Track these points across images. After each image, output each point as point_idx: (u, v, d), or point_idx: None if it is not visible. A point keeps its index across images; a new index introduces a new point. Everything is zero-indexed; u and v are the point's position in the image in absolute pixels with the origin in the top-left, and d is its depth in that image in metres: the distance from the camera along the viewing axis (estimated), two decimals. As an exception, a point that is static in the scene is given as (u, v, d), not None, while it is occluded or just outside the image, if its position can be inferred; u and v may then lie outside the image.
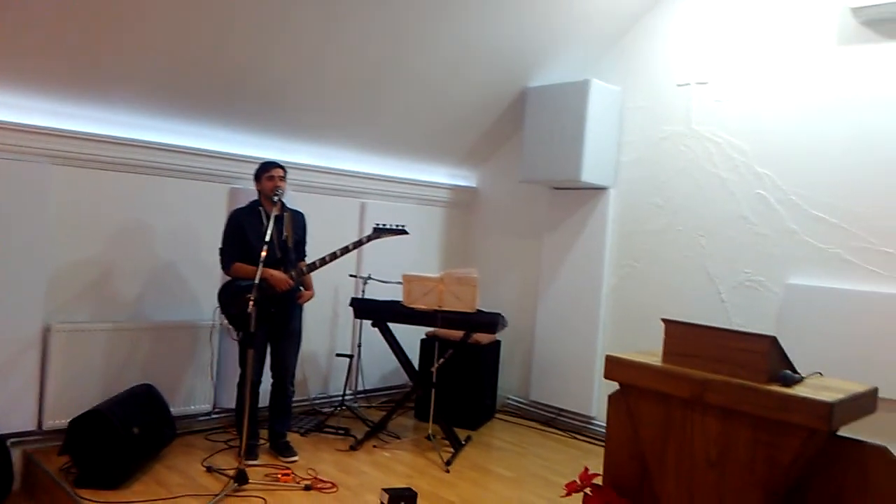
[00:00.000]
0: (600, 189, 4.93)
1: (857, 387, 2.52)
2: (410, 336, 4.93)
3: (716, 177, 4.40)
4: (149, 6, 3.42)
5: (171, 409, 3.99)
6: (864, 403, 2.51)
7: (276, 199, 3.79)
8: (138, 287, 4.15)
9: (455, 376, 4.78)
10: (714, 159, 4.41)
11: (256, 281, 3.42)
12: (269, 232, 3.57)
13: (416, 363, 4.91)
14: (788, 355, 2.59)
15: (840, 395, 2.32)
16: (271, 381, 4.02)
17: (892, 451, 2.41)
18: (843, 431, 2.51)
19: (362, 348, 4.95)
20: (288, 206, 4.06)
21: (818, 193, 3.96)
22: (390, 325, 4.56)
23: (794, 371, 2.51)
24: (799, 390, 2.36)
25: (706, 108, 4.46)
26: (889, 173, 3.72)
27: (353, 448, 4.21)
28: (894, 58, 3.71)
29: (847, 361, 3.63)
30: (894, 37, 3.72)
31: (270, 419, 4.05)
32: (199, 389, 4.30)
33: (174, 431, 3.94)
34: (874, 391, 2.59)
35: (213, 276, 4.19)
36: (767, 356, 2.43)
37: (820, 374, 2.65)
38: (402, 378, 5.12)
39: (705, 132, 4.46)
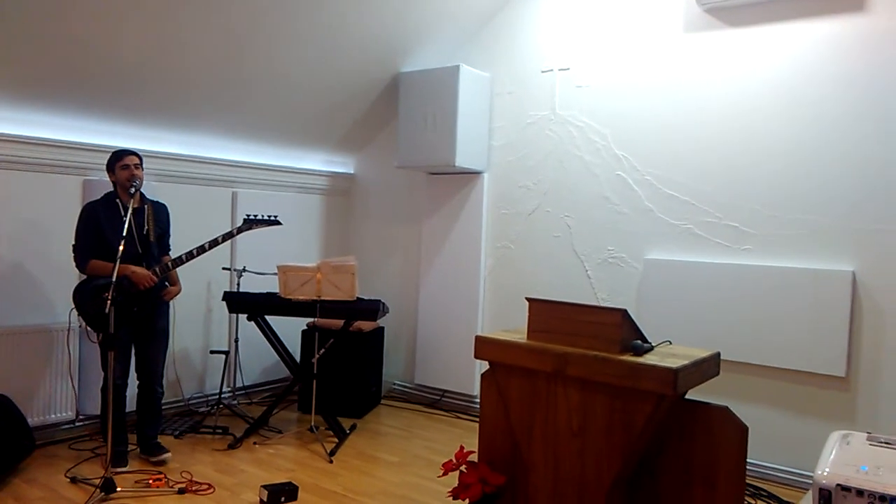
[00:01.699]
0: (475, 173, 5.03)
1: (702, 352, 2.73)
2: (292, 327, 4.85)
3: (579, 160, 4.59)
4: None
5: (30, 420, 3.79)
6: (708, 368, 2.72)
7: (132, 189, 3.59)
8: (-17, 291, 3.85)
9: (339, 365, 4.76)
10: (577, 143, 4.60)
11: (114, 278, 3.24)
12: (126, 225, 3.39)
13: (298, 355, 4.83)
14: (649, 325, 2.76)
15: (684, 362, 2.50)
16: (137, 383, 3.84)
17: (733, 410, 2.64)
18: (693, 393, 2.71)
19: (240, 343, 4.81)
20: (150, 197, 3.87)
21: (670, 173, 4.23)
22: (269, 317, 4.47)
23: (645, 340, 2.67)
24: (648, 359, 2.52)
25: (568, 94, 4.64)
26: (729, 151, 4.02)
27: (231, 447, 4.10)
28: (734, 43, 4.01)
29: (698, 328, 3.94)
30: (734, 23, 4.01)
31: (139, 423, 3.87)
32: (59, 397, 4.05)
33: (33, 443, 3.73)
34: (716, 356, 2.81)
35: (67, 276, 3.93)
36: (620, 328, 2.58)
37: (669, 342, 2.84)
38: (285, 371, 5.03)
39: (568, 117, 4.64)
